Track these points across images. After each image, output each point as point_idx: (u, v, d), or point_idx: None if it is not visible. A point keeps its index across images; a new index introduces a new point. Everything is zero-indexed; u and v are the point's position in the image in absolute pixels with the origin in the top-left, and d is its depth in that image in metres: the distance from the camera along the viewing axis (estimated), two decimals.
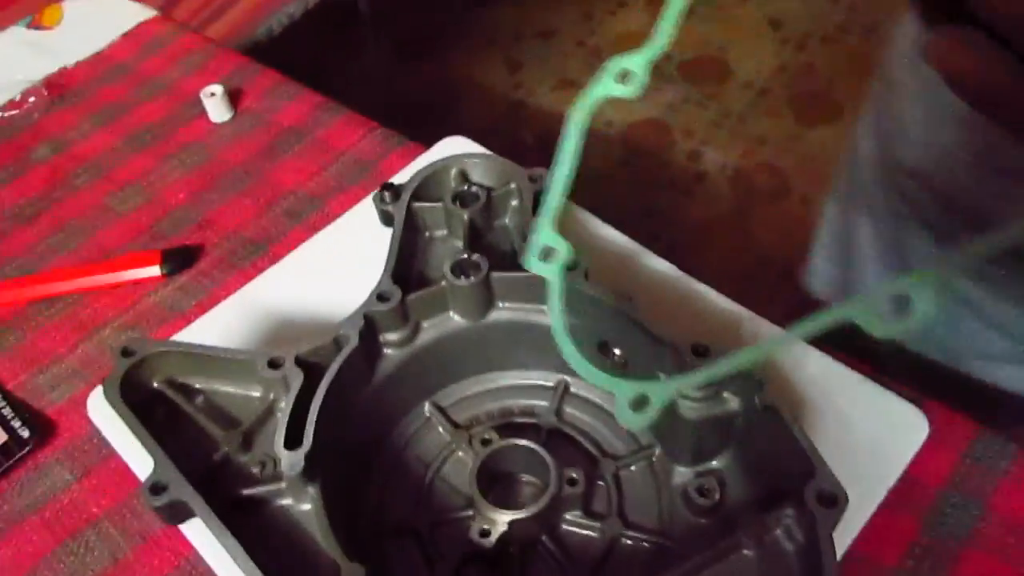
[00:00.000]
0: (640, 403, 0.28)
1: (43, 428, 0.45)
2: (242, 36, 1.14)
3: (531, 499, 0.37)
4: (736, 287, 0.47)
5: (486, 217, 0.43)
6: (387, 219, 0.43)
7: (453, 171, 0.44)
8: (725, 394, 0.36)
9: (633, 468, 0.40)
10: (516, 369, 0.43)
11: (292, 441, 0.34)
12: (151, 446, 0.34)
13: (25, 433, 0.45)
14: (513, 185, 0.43)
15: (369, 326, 0.38)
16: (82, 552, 0.41)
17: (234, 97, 0.63)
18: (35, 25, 0.72)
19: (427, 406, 0.42)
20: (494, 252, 0.42)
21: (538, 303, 0.40)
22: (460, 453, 0.41)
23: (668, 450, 0.39)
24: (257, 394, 0.38)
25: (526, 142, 1.99)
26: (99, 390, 0.46)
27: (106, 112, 0.64)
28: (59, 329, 0.50)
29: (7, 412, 0.45)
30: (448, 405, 0.43)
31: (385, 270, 0.39)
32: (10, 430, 0.45)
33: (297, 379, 0.36)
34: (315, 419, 0.34)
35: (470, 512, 0.38)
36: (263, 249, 0.53)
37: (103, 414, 0.45)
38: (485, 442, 0.39)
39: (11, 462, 0.44)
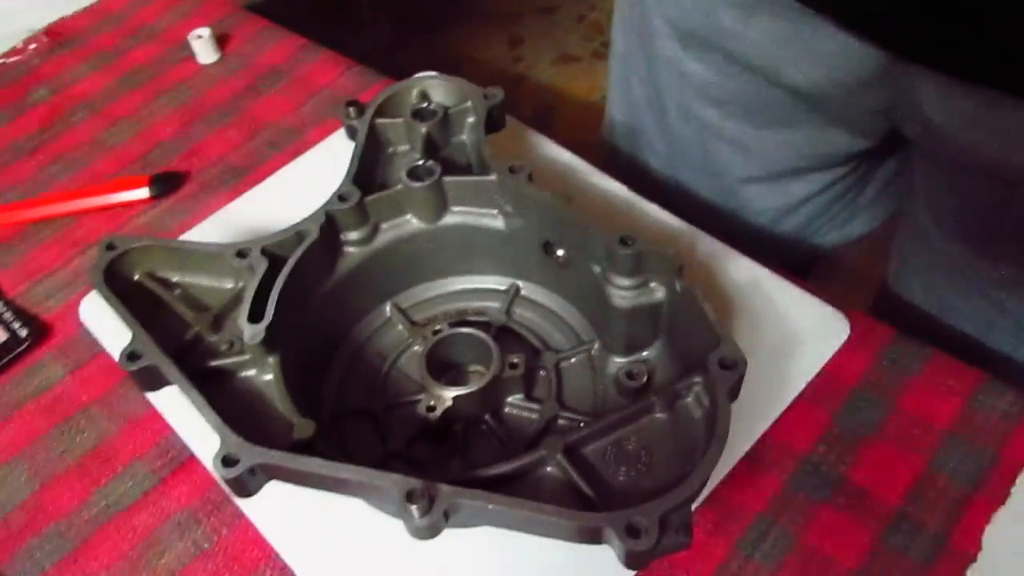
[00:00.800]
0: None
1: (39, 330, 0.49)
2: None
3: (475, 381, 0.41)
4: None
5: (443, 132, 0.46)
6: (353, 134, 0.46)
7: (415, 91, 0.47)
8: (652, 284, 0.39)
9: (573, 360, 0.43)
10: (471, 274, 0.47)
11: (255, 317, 0.38)
12: (128, 319, 0.38)
13: (23, 332, 0.49)
14: (469, 103, 0.47)
15: (330, 223, 0.42)
16: (73, 433, 0.45)
17: (221, 41, 0.66)
18: None
19: (388, 306, 0.46)
20: (450, 164, 0.46)
21: (488, 207, 0.44)
22: (416, 347, 0.45)
23: (604, 341, 0.43)
24: (228, 285, 0.42)
25: (524, 115, 2.03)
26: (90, 295, 0.50)
27: (101, 56, 0.68)
28: (55, 246, 0.54)
29: (7, 315, 0.50)
30: (407, 306, 0.47)
31: (347, 174, 0.43)
32: (10, 330, 0.49)
33: (262, 266, 0.39)
34: (276, 297, 0.38)
35: (421, 396, 0.42)
36: (245, 174, 0.57)
37: (93, 315, 0.49)
38: (436, 332, 0.43)
39: (10, 357, 0.48)
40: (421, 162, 0.43)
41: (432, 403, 0.40)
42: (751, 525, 0.38)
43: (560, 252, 0.43)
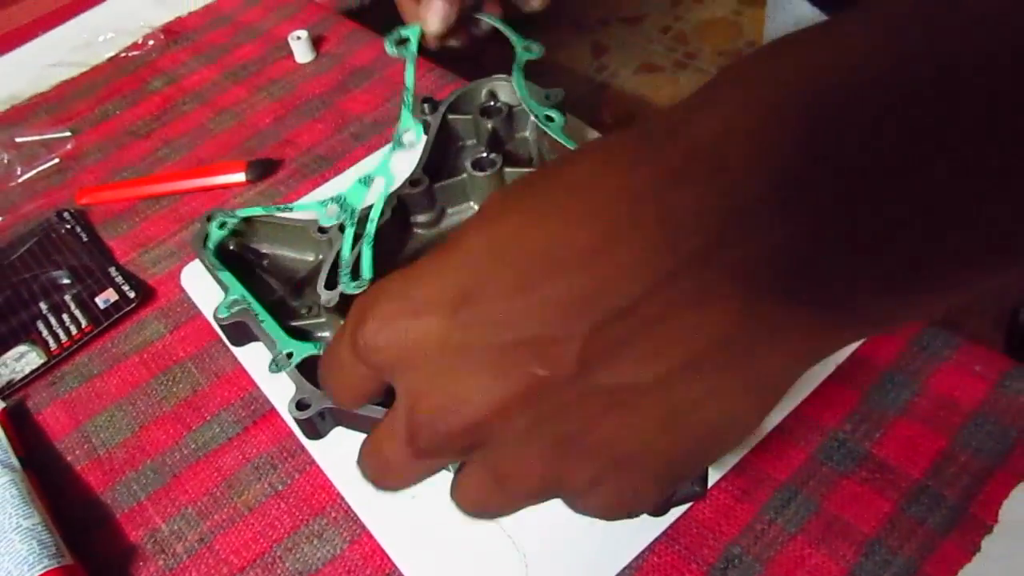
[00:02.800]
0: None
1: (145, 292, 0.56)
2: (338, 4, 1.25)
3: None
4: None
5: (508, 129, 0.51)
6: (427, 129, 0.51)
7: (484, 90, 0.52)
8: None
9: None
10: None
11: (331, 284, 0.43)
12: (227, 277, 0.43)
13: (131, 294, 0.55)
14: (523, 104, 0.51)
15: (402, 205, 0.47)
16: (170, 383, 0.51)
17: (317, 42, 0.72)
18: None
19: None
20: (514, 158, 0.50)
21: None
22: None
23: None
24: (310, 257, 0.47)
25: (605, 121, 2.06)
26: (191, 263, 0.56)
27: (211, 52, 0.74)
28: (162, 220, 0.61)
29: (118, 278, 0.56)
30: None
31: (419, 162, 0.48)
32: (120, 292, 0.55)
33: (339, 240, 0.45)
34: (370, 258, 0.43)
35: None
36: (331, 163, 0.62)
37: (192, 282, 0.55)
38: None
39: (119, 314, 0.54)
40: (485, 154, 0.48)
41: None
42: (776, 492, 0.41)
43: None
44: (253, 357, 0.50)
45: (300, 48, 0.71)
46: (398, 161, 0.48)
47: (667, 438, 0.22)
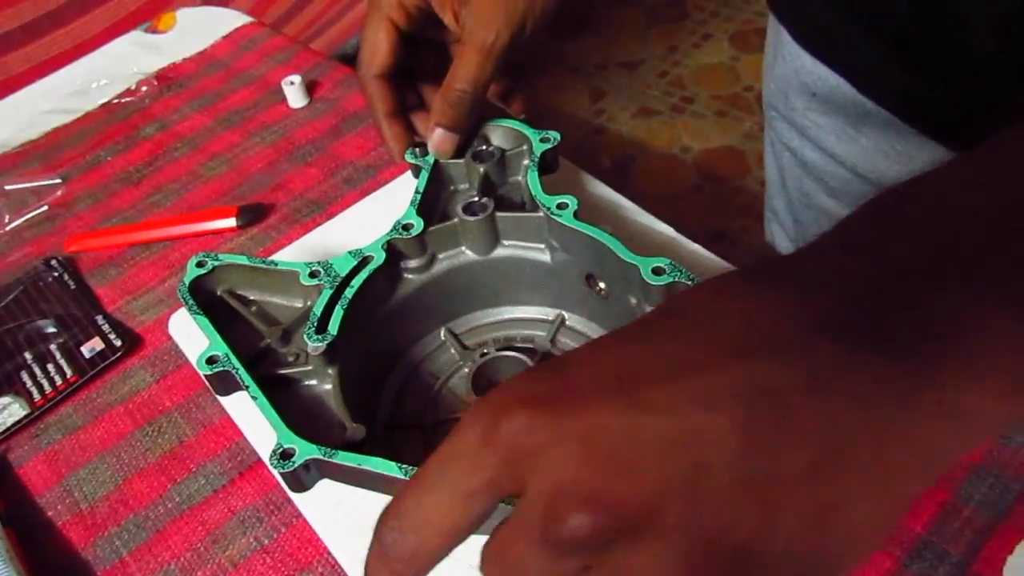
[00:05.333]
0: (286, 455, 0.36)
1: (132, 341, 0.55)
2: (333, 50, 1.26)
3: None
4: None
5: (500, 173, 0.50)
6: (417, 172, 0.50)
7: (476, 134, 0.52)
8: None
9: None
10: (519, 304, 0.50)
11: (320, 331, 0.42)
12: (208, 328, 0.42)
13: (118, 343, 0.54)
14: (525, 147, 0.50)
15: (393, 251, 0.46)
16: (155, 435, 0.50)
17: (310, 87, 0.72)
18: (152, 30, 0.84)
19: (443, 331, 0.50)
20: (506, 202, 0.49)
21: (536, 242, 0.47)
22: (466, 369, 0.48)
23: None
24: (298, 304, 0.46)
25: (604, 165, 2.07)
26: (179, 311, 0.55)
27: (204, 98, 0.74)
28: (152, 267, 0.60)
29: (105, 327, 0.55)
30: (460, 331, 0.50)
31: (410, 206, 0.47)
32: (107, 340, 0.54)
33: (329, 286, 0.44)
34: (340, 316, 0.42)
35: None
36: (323, 208, 0.62)
37: (180, 330, 0.54)
38: (483, 354, 0.46)
39: (105, 363, 0.53)
40: (476, 199, 0.47)
41: None
42: None
43: (601, 285, 0.46)
44: (240, 406, 0.49)
45: (293, 93, 0.71)
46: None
47: (813, 536, 0.21)
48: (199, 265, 0.46)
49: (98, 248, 0.62)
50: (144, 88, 0.76)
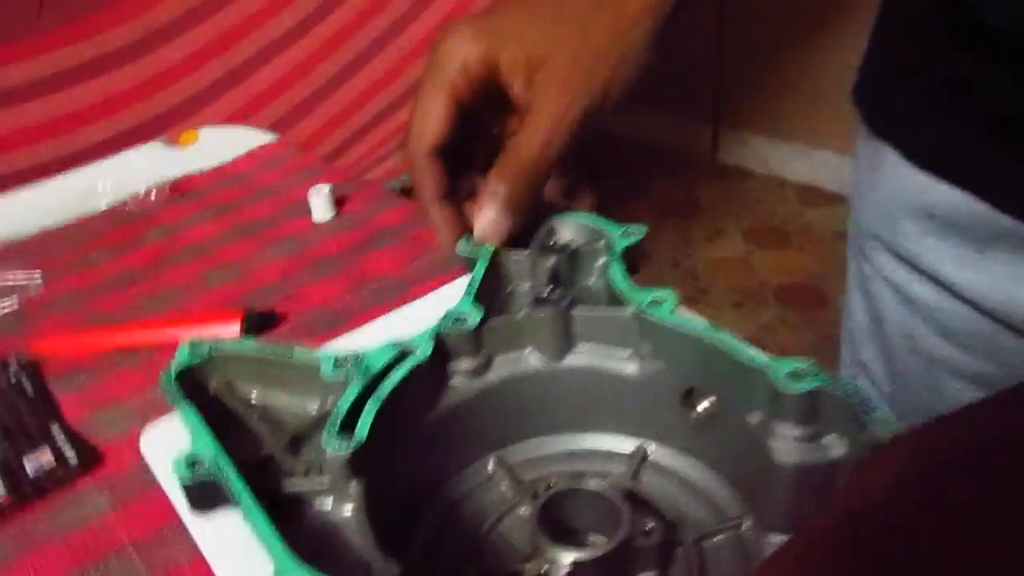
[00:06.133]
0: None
1: (90, 458, 0.43)
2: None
3: (599, 547, 0.32)
4: None
5: (570, 272, 0.41)
6: (472, 267, 0.42)
7: (543, 229, 0.43)
8: (827, 438, 0.32)
9: (717, 539, 0.35)
10: (591, 431, 0.40)
11: (344, 431, 0.31)
12: (194, 421, 0.32)
13: (72, 459, 0.43)
14: (601, 243, 0.42)
15: (441, 347, 0.36)
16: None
17: (339, 202, 0.65)
18: (171, 143, 0.78)
19: (492, 459, 0.39)
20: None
21: (621, 346, 0.38)
22: (522, 510, 0.36)
23: (760, 516, 0.34)
24: (313, 406, 0.35)
25: None
26: (155, 423, 0.44)
27: (219, 208, 0.67)
28: (131, 375, 0.50)
29: (60, 439, 0.44)
30: (514, 462, 0.39)
31: (465, 295, 0.38)
32: (58, 454, 0.43)
33: (358, 379, 0.33)
34: (371, 416, 0.32)
35: (526, 566, 0.33)
36: (343, 320, 0.52)
37: (154, 445, 0.43)
38: (549, 487, 0.35)
39: (50, 482, 0.42)
40: (550, 287, 0.38)
41: (543, 570, 0.32)
42: None
43: (704, 404, 0.36)
44: (221, 541, 0.37)
45: (319, 205, 0.64)
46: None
47: None
48: (192, 353, 0.36)
49: (69, 352, 0.52)
50: (154, 196, 0.69)
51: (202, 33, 1.24)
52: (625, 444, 0.39)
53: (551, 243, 0.42)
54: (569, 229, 0.43)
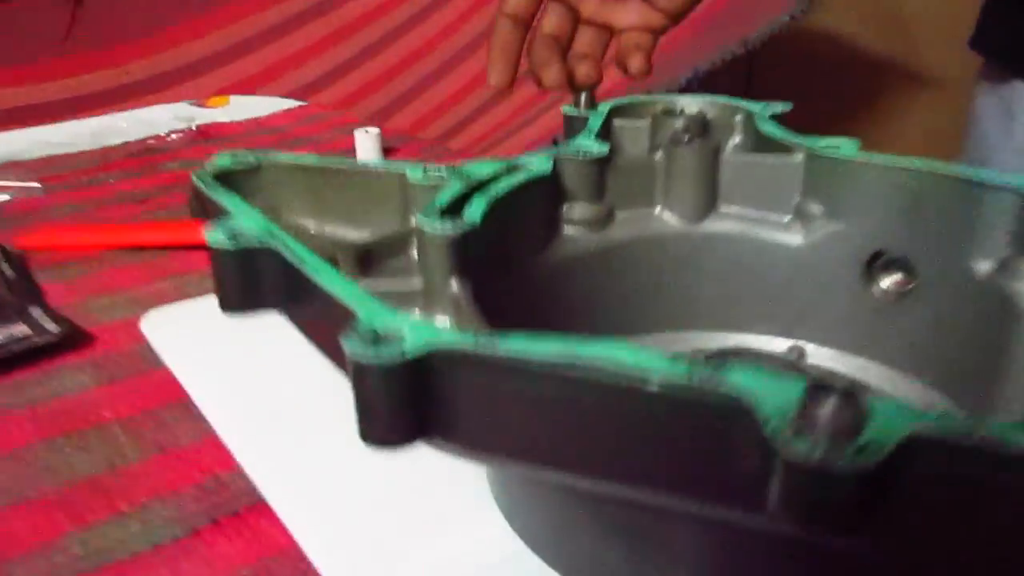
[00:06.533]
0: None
1: (75, 337, 0.34)
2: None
3: None
4: None
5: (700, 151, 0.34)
6: (570, 134, 0.34)
7: (660, 106, 0.36)
8: None
9: None
10: (727, 329, 0.31)
11: (450, 212, 0.23)
12: (235, 202, 0.23)
13: (52, 332, 0.33)
14: (738, 117, 0.34)
15: (555, 179, 0.28)
16: (73, 452, 0.28)
17: (385, 152, 0.58)
18: (200, 105, 0.72)
19: None
20: None
21: (778, 210, 0.29)
22: None
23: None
24: (380, 230, 0.27)
25: None
26: (158, 310, 0.36)
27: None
28: (136, 271, 0.41)
29: (37, 313, 0.35)
30: None
31: (583, 134, 0.30)
32: (36, 328, 0.34)
33: (458, 182, 0.25)
34: (482, 207, 0.23)
35: None
36: None
37: (158, 329, 0.34)
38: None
39: (23, 350, 0.32)
40: (688, 124, 0.30)
41: None
42: None
43: (896, 276, 0.28)
44: (236, 417, 0.28)
45: (367, 147, 0.56)
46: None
47: None
48: (235, 159, 0.28)
49: (60, 246, 0.43)
50: (176, 136, 0.61)
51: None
52: (776, 344, 0.30)
53: (678, 111, 0.35)
54: (696, 104, 0.36)
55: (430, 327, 0.16)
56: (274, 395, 0.30)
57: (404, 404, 0.16)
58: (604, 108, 0.34)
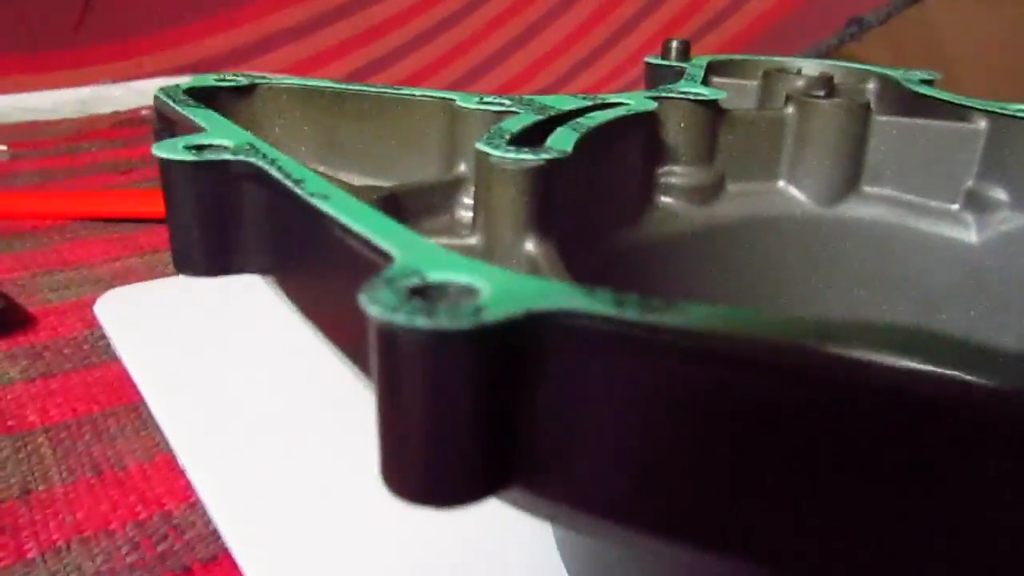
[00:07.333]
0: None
1: (12, 318, 0.27)
2: None
3: None
4: None
5: None
6: (656, 83, 0.27)
7: (770, 65, 0.28)
8: None
9: None
10: None
11: (526, 141, 0.15)
12: (209, 116, 0.16)
13: None
14: (871, 84, 0.27)
15: (651, 138, 0.20)
16: None
17: None
18: None
19: None
20: None
21: (942, 195, 0.22)
22: None
23: None
24: (418, 176, 0.19)
25: None
26: (119, 290, 0.28)
27: None
28: (103, 245, 0.33)
29: None
30: None
31: (689, 77, 0.23)
32: None
33: (530, 113, 0.18)
34: (573, 139, 0.16)
35: None
36: None
37: (114, 313, 0.27)
38: None
39: None
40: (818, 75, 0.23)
41: None
42: None
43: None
44: (194, 426, 0.21)
45: None
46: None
47: None
48: (220, 78, 0.21)
49: (16, 215, 0.36)
50: None
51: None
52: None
53: (794, 71, 0.27)
54: (815, 66, 0.28)
55: (527, 278, 0.09)
56: (256, 406, 0.22)
57: (477, 417, 0.08)
58: (700, 62, 0.27)
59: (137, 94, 0.56)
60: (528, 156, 0.14)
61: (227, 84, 0.20)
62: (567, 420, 0.09)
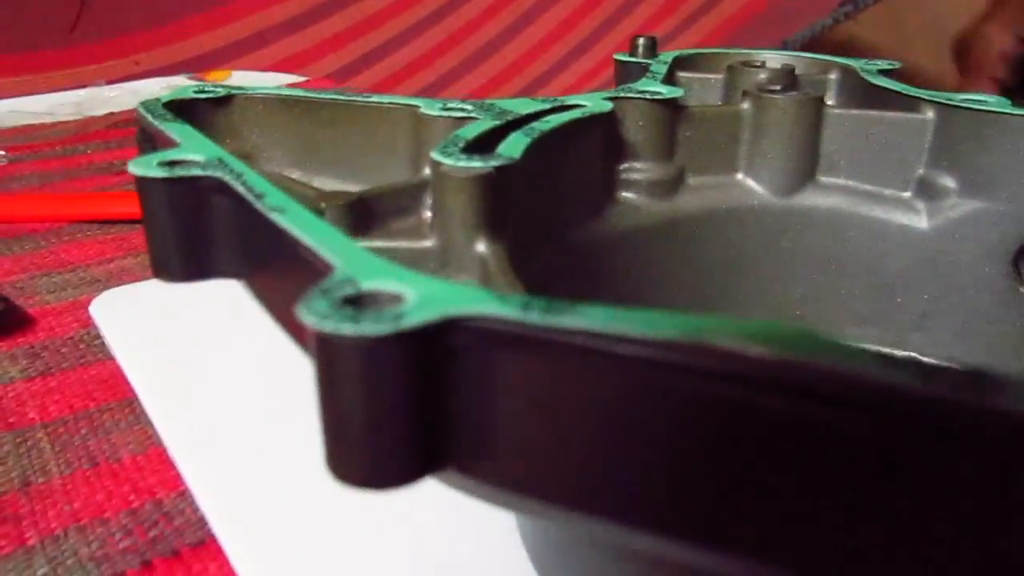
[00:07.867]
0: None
1: (11, 319, 0.28)
2: None
3: None
4: None
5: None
6: (624, 79, 0.27)
7: (735, 58, 0.29)
8: None
9: None
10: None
11: (480, 148, 0.16)
12: (185, 131, 0.17)
13: None
14: (833, 75, 0.28)
15: (610, 130, 0.21)
16: None
17: None
18: (197, 79, 0.66)
19: None
20: None
21: (893, 185, 0.23)
22: None
23: None
24: (377, 181, 0.20)
25: None
26: (114, 291, 0.29)
27: None
28: (98, 245, 0.35)
29: None
30: None
31: (650, 75, 0.24)
32: None
33: (489, 119, 0.19)
34: (523, 143, 0.17)
35: None
36: None
37: (107, 312, 0.28)
38: None
39: None
40: (779, 86, 0.24)
41: None
42: None
43: None
44: (189, 422, 0.22)
45: None
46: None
47: None
48: (198, 90, 0.22)
49: (16, 219, 0.37)
50: None
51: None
52: (882, 341, 0.24)
53: (758, 64, 0.28)
54: (779, 58, 0.29)
55: (448, 285, 0.10)
56: (243, 401, 0.23)
57: (404, 411, 0.09)
58: (666, 57, 0.28)
59: (131, 95, 0.57)
60: (477, 164, 0.15)
61: (206, 96, 0.21)
62: (487, 410, 0.10)
